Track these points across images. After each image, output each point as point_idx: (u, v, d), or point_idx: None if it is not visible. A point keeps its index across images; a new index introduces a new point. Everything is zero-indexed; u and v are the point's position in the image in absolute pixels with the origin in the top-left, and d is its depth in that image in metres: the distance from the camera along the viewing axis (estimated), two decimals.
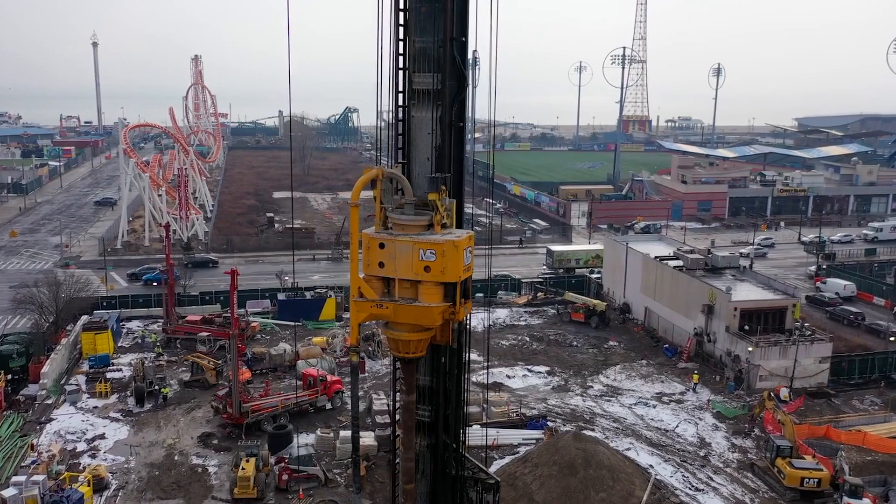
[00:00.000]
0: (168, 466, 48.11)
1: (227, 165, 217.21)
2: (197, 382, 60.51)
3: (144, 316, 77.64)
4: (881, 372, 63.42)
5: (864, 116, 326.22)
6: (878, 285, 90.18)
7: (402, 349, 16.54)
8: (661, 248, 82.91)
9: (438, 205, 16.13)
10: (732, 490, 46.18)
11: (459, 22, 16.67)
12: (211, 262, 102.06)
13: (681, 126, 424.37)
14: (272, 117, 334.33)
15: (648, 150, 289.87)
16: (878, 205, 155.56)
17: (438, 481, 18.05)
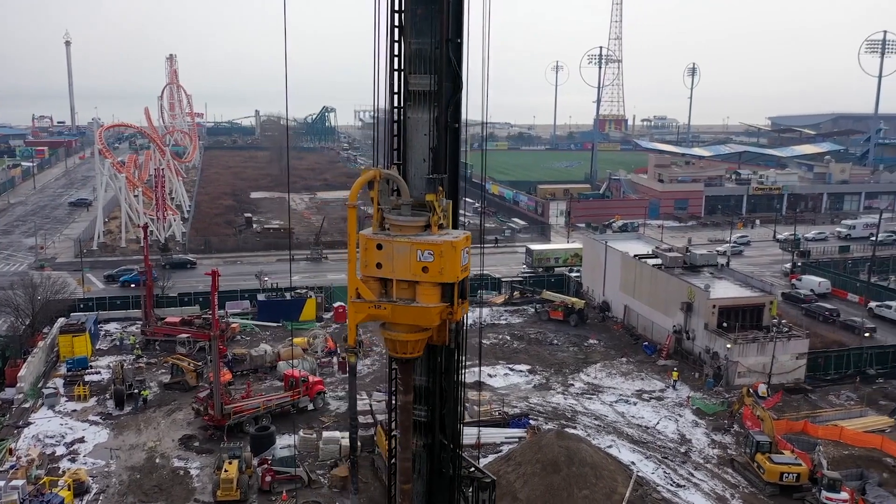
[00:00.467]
0: (149, 469, 47.75)
1: (203, 165, 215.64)
2: (177, 384, 60.08)
3: (122, 318, 76.91)
4: (856, 367, 64.37)
5: (835, 115, 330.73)
6: (852, 282, 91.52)
7: (399, 350, 16.60)
8: (640, 247, 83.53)
9: (436, 206, 16.23)
10: (713, 486, 46.70)
11: (454, 23, 16.76)
12: (189, 262, 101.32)
13: (656, 125, 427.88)
14: (248, 117, 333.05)
15: (625, 149, 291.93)
16: (851, 203, 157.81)
17: (434, 481, 18.12)
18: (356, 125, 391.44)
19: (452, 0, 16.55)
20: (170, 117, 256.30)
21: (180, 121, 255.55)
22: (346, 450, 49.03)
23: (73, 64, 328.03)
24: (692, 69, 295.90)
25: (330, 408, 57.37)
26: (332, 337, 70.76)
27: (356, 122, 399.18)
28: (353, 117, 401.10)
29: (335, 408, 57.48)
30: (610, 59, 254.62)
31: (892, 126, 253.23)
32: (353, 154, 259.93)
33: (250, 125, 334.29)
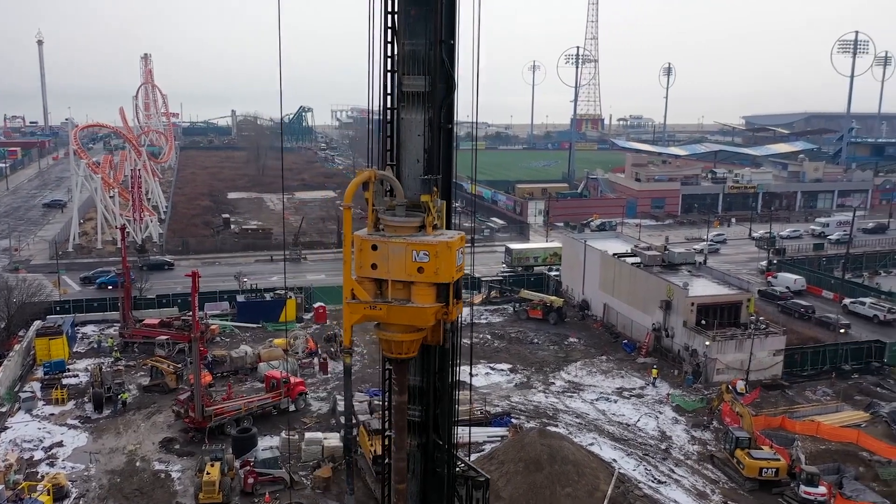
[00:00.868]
0: (130, 473, 47.34)
1: (179, 166, 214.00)
2: (157, 387, 59.61)
3: (100, 320, 76.16)
4: (832, 363, 65.30)
5: (808, 114, 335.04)
6: (827, 279, 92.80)
7: (394, 350, 16.64)
8: (619, 246, 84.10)
9: (431, 206, 16.29)
10: (694, 482, 47.18)
11: (447, 24, 16.83)
12: (166, 264, 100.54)
13: (632, 125, 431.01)
14: (224, 117, 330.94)
15: (601, 148, 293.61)
16: (824, 201, 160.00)
17: (429, 480, 18.19)
18: (333, 125, 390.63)
19: (445, 1, 16.62)
20: (145, 117, 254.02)
21: (155, 121, 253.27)
22: (329, 450, 49.01)
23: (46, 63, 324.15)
24: (668, 69, 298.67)
25: (311, 409, 57.21)
26: (312, 338, 70.52)
27: (333, 121, 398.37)
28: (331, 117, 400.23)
29: (317, 409, 57.33)
30: (586, 59, 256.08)
31: (864, 125, 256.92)
32: (330, 154, 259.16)
33: (226, 125, 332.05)
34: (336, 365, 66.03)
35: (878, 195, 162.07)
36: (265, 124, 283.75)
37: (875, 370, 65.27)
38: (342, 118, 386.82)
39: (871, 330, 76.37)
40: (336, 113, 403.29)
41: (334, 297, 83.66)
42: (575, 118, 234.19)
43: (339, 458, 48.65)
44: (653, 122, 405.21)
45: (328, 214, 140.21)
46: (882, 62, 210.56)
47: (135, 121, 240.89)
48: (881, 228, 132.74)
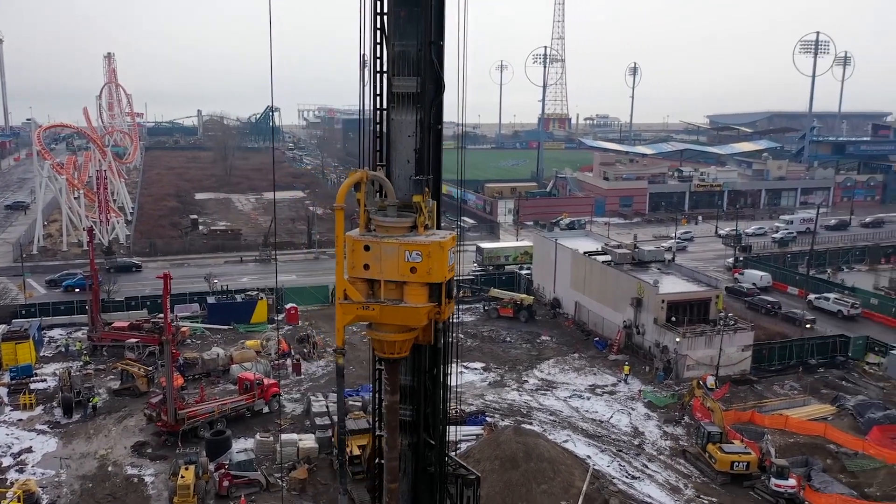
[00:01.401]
0: (102, 478, 46.74)
1: (145, 166, 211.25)
2: (127, 390, 58.90)
3: (67, 323, 74.95)
4: (799, 358, 66.56)
5: (770, 114, 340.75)
6: (792, 275, 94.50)
7: (387, 350, 16.71)
8: (589, 244, 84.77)
9: (423, 206, 16.38)
10: (667, 476, 47.83)
11: (436, 25, 16.92)
12: (134, 266, 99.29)
13: (599, 124, 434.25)
14: (190, 117, 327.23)
15: (569, 147, 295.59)
16: (788, 198, 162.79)
17: (420, 479, 18.28)
18: (301, 125, 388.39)
19: (434, 2, 16.71)
20: (109, 117, 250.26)
21: (120, 121, 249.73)
22: (304, 452, 48.83)
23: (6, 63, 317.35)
24: (633, 69, 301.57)
25: (286, 410, 56.93)
26: (285, 339, 70.16)
27: (300, 121, 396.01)
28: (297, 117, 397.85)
29: (291, 410, 57.08)
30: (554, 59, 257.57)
31: (824, 124, 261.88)
32: (298, 154, 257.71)
33: (192, 125, 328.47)
34: (308, 366, 65.82)
35: (839, 192, 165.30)
36: (232, 124, 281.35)
37: (840, 364, 66.63)
38: (309, 118, 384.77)
39: (836, 325, 77.94)
40: (303, 112, 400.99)
41: (306, 297, 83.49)
42: (543, 117, 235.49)
43: (314, 460, 48.60)
44: (619, 121, 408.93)
45: (298, 215, 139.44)
46: (842, 62, 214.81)
47: (99, 121, 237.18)
48: (843, 225, 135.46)
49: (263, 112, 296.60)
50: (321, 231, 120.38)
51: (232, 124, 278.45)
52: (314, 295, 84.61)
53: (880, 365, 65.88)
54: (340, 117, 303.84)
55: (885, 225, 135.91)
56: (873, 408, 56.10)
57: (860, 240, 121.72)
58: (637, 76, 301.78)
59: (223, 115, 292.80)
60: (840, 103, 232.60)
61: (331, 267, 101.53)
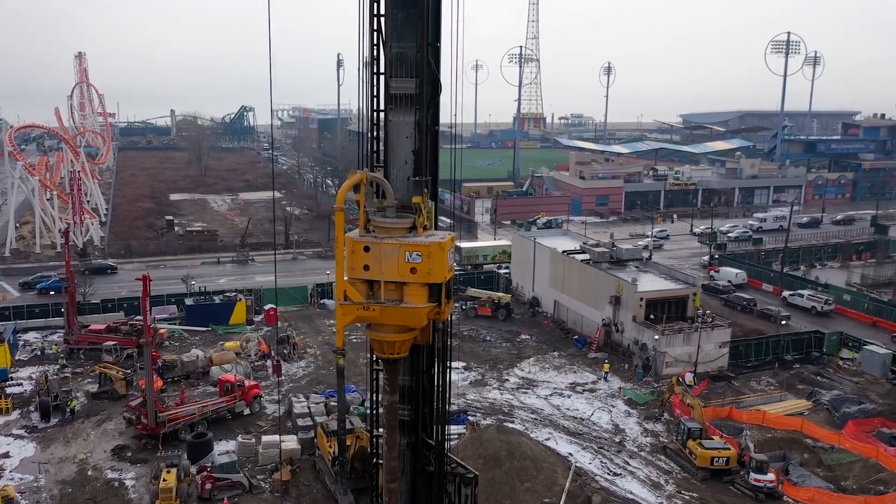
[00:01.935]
0: (81, 482, 46.27)
1: (118, 167, 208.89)
2: (106, 394, 58.31)
3: (42, 326, 74.02)
4: (774, 354, 67.48)
5: (742, 113, 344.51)
6: (767, 272, 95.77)
7: (386, 350, 16.76)
8: (567, 243, 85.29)
9: (422, 207, 16.46)
10: (648, 473, 48.31)
11: (433, 27, 16.99)
12: (109, 268, 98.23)
13: (573, 123, 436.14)
14: (163, 116, 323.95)
15: (544, 146, 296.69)
16: (761, 196, 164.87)
17: (418, 478, 18.35)
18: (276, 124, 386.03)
19: (431, 4, 16.79)
20: (80, 117, 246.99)
21: (92, 121, 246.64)
22: (287, 453, 48.62)
23: None
24: (608, 68, 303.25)
25: (267, 412, 56.70)
26: (265, 340, 69.83)
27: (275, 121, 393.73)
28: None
29: (272, 411, 56.82)
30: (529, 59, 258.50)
31: (795, 123, 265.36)
32: (274, 154, 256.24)
33: (165, 125, 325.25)
34: (289, 367, 65.58)
35: (810, 190, 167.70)
36: (205, 124, 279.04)
37: (815, 360, 67.66)
38: (284, 118, 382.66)
39: (810, 321, 79.07)
40: (278, 112, 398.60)
41: (285, 298, 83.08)
42: (518, 117, 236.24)
43: (297, 461, 48.46)
44: (593, 120, 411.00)
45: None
46: (812, 62, 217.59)
47: (70, 121, 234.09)
48: (815, 223, 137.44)
49: (238, 112, 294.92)
50: (298, 231, 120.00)
51: (206, 124, 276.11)
52: (293, 296, 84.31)
53: (854, 360, 66.98)
54: (315, 117, 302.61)
55: (856, 222, 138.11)
56: (848, 402, 57.07)
57: (832, 237, 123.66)
58: (611, 76, 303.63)
59: (197, 114, 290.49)
60: (810, 102, 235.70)
61: (308, 268, 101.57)
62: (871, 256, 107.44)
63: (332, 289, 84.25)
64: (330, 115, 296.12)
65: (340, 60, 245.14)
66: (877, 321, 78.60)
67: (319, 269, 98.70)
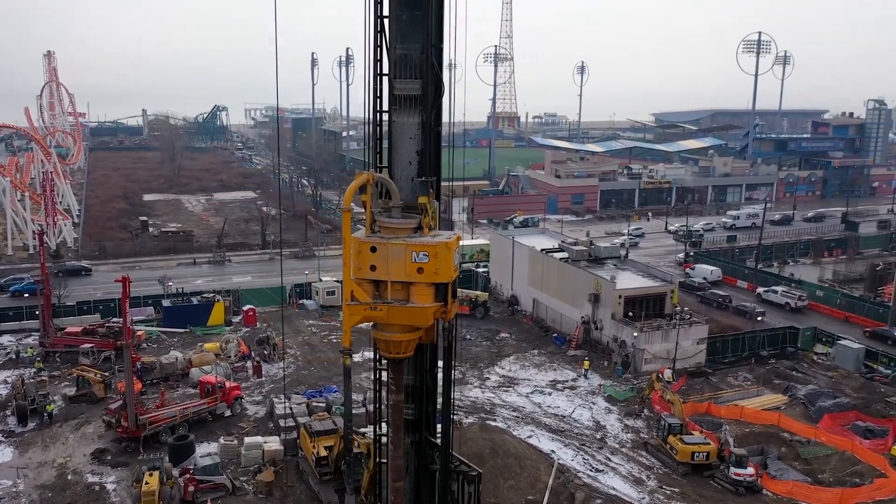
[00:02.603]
0: (61, 487, 45.73)
1: (89, 167, 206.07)
2: (83, 397, 57.62)
3: (17, 329, 72.90)
4: (751, 350, 68.43)
5: (714, 112, 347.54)
6: (741, 269, 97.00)
7: (392, 350, 16.79)
8: (545, 241, 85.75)
9: (428, 207, 16.50)
10: (630, 469, 48.77)
11: (436, 29, 17.05)
12: (84, 269, 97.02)
13: (547, 122, 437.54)
14: (135, 116, 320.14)
15: (519, 145, 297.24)
16: (733, 194, 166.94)
17: (422, 477, 18.42)
18: (248, 124, 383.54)
19: (435, 6, 16.85)
20: (50, 117, 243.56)
21: (62, 121, 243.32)
22: (269, 454, 48.47)
23: None
24: (581, 67, 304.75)
25: (248, 413, 56.43)
26: (244, 341, 69.44)
27: (248, 120, 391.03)
28: (244, 116, 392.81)
29: (253, 413, 56.58)
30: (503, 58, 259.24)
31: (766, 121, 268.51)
32: (248, 154, 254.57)
33: (137, 125, 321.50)
34: (269, 368, 65.30)
35: (782, 188, 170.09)
36: (178, 124, 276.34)
37: (790, 355, 68.69)
38: (257, 117, 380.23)
39: (784, 317, 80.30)
40: (250, 112, 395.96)
41: (263, 299, 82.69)
42: (494, 116, 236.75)
43: (280, 462, 48.30)
44: (567, 119, 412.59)
45: (250, 215, 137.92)
46: (782, 62, 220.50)
47: (40, 121, 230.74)
48: (786, 220, 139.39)
49: (211, 111, 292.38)
50: (275, 232, 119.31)
51: (178, 124, 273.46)
52: (271, 296, 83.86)
53: (828, 355, 68.12)
54: (289, 116, 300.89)
55: (826, 219, 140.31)
56: (823, 396, 58.05)
57: (804, 234, 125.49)
58: (585, 75, 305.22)
59: (169, 114, 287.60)
60: (781, 101, 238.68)
61: (286, 268, 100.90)
62: (843, 253, 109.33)
63: (310, 289, 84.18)
64: (304, 114, 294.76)
65: (315, 60, 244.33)
66: (849, 316, 79.98)
67: (297, 269, 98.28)
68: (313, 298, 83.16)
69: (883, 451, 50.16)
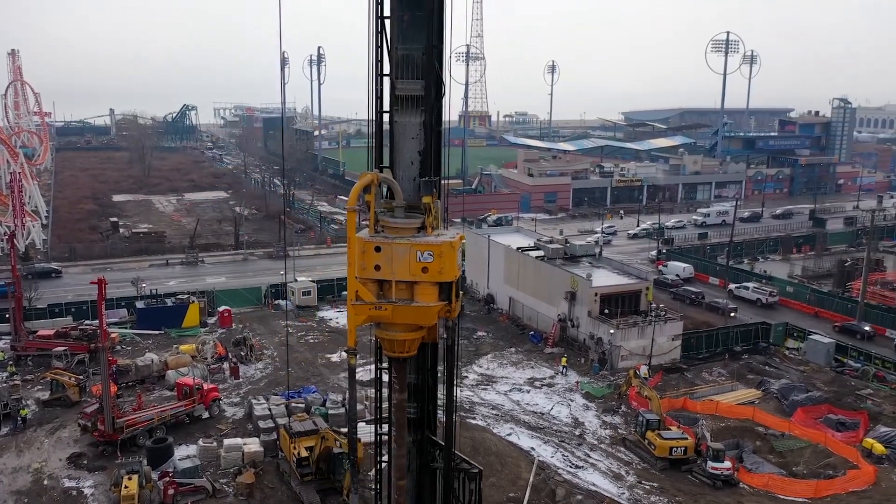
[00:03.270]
0: (38, 492, 45.13)
1: (56, 168, 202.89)
2: (58, 401, 56.83)
3: None
4: (724, 345, 69.41)
5: (682, 110, 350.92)
6: (713, 266, 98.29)
7: (396, 349, 16.87)
8: (520, 240, 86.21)
9: (432, 207, 16.60)
10: (609, 464, 49.27)
11: (438, 29, 17.14)
12: (54, 271, 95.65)
13: (518, 121, 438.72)
14: (102, 115, 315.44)
15: (490, 144, 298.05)
16: (703, 192, 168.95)
17: (424, 475, 18.51)
18: (218, 123, 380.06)
19: (436, 7, 16.93)
20: (15, 117, 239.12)
21: (27, 121, 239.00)
22: (249, 456, 48.29)
23: None
24: (552, 67, 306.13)
25: (226, 415, 56.08)
26: (220, 342, 68.95)
27: (217, 120, 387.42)
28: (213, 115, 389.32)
29: (231, 414, 56.25)
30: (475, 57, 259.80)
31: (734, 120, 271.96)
32: (218, 153, 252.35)
33: (104, 124, 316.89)
34: (246, 369, 64.93)
35: (750, 186, 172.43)
36: (146, 123, 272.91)
37: (763, 350, 69.79)
38: (227, 116, 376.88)
39: (755, 312, 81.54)
40: (220, 111, 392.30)
41: (238, 299, 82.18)
42: (466, 115, 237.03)
43: (260, 463, 48.13)
44: (538, 118, 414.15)
45: (222, 215, 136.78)
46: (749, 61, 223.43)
47: (4, 121, 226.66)
48: (755, 217, 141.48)
49: (180, 110, 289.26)
50: (248, 232, 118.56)
51: (147, 123, 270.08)
52: (246, 297, 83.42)
53: (799, 350, 69.31)
54: (260, 115, 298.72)
55: (794, 216, 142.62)
56: (796, 390, 59.09)
57: (773, 231, 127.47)
58: (555, 74, 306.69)
59: (137, 113, 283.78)
60: (748, 100, 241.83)
61: (260, 268, 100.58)
62: (811, 249, 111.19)
63: (285, 289, 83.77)
64: (274, 113, 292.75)
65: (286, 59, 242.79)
66: (819, 311, 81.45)
67: (271, 269, 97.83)
68: (289, 299, 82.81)
69: (854, 443, 51.25)
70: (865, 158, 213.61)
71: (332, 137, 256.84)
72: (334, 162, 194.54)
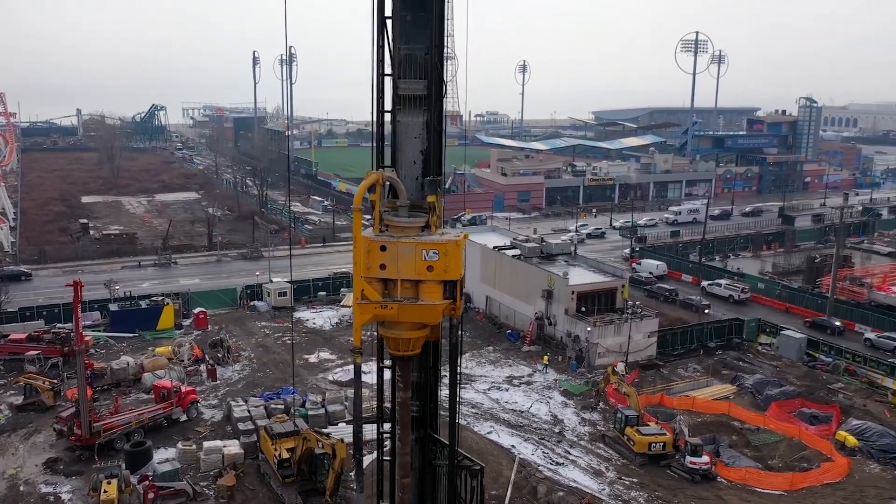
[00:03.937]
0: (14, 499, 44.46)
1: (23, 169, 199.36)
2: (32, 405, 56.03)
3: None
4: (699, 342, 70.34)
5: (651, 110, 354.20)
6: (686, 263, 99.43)
7: (401, 348, 16.93)
8: (496, 239, 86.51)
9: (437, 206, 16.69)
10: (589, 461, 49.73)
11: (438, 30, 17.21)
12: (23, 274, 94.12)
13: (489, 120, 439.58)
14: (69, 116, 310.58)
15: (462, 144, 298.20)
16: (674, 190, 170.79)
17: (426, 472, 18.59)
18: (187, 123, 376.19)
19: (437, 6, 17.01)
20: None
21: None
22: (230, 458, 47.99)
23: None
24: (523, 66, 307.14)
25: (204, 417, 55.66)
26: (196, 344, 68.37)
27: (186, 120, 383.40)
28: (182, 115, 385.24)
29: (210, 417, 55.84)
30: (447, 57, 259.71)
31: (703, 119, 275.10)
32: (188, 154, 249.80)
33: (71, 125, 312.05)
34: (224, 371, 64.49)
35: (720, 184, 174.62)
36: (115, 123, 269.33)
37: (736, 346, 70.90)
38: (196, 117, 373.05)
39: (728, 309, 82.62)
40: (188, 111, 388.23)
41: (213, 301, 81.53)
42: None
43: (240, 465, 47.87)
44: (509, 117, 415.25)
45: (195, 216, 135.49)
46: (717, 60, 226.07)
47: None
48: (725, 215, 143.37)
49: (149, 110, 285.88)
50: (221, 233, 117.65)
51: (115, 124, 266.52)
52: (221, 298, 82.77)
53: (772, 345, 70.44)
54: (230, 115, 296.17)
55: (763, 214, 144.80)
56: (770, 385, 60.07)
57: (743, 228, 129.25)
58: (526, 74, 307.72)
59: (105, 114, 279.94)
60: (716, 99, 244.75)
61: (234, 269, 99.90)
62: (780, 246, 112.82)
63: (261, 290, 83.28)
64: (245, 113, 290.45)
65: (256, 58, 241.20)
66: (790, 307, 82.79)
67: (245, 270, 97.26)
68: (265, 300, 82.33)
69: (828, 437, 52.27)
70: (831, 157, 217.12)
71: (303, 137, 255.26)
72: (307, 162, 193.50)
